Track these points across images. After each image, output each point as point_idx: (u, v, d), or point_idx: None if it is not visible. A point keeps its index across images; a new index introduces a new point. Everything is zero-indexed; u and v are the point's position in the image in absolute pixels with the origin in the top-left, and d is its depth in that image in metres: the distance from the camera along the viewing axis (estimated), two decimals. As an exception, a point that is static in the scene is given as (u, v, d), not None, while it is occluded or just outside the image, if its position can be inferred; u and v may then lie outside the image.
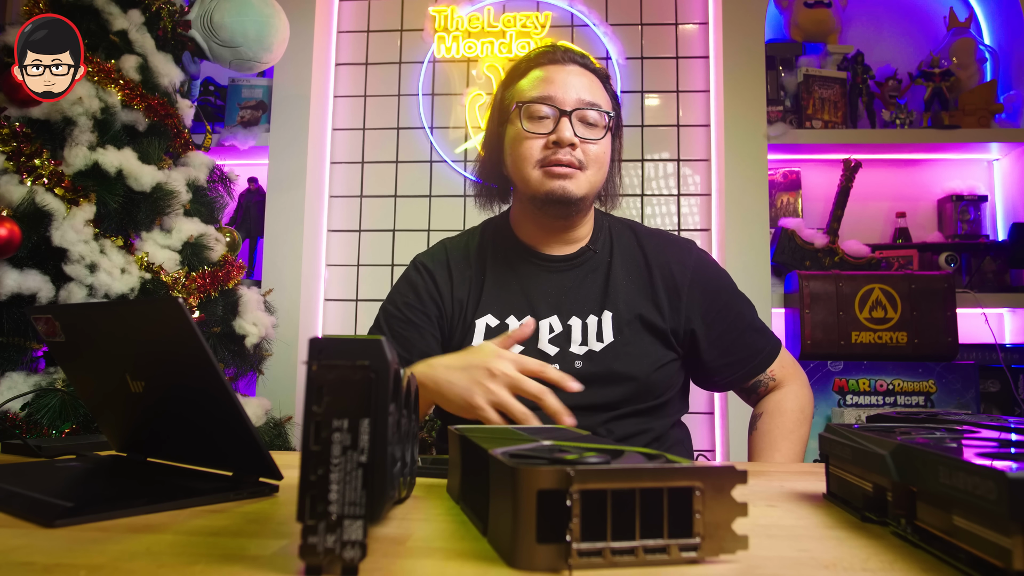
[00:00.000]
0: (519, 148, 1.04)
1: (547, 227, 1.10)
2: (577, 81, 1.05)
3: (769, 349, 1.12)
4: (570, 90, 1.03)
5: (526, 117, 1.03)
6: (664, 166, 2.21)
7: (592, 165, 1.04)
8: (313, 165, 2.17)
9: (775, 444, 1.07)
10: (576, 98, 1.03)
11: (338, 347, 0.39)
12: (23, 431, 1.24)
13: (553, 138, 1.01)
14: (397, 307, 1.11)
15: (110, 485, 0.65)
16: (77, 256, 1.36)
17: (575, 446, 0.48)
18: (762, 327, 1.14)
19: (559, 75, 1.05)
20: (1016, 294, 1.99)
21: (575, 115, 1.02)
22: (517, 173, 1.06)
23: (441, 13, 2.24)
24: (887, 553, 0.43)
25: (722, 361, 1.10)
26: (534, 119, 1.03)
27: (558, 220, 1.08)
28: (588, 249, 1.12)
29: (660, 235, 1.17)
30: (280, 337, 1.82)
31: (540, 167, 1.03)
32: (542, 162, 1.03)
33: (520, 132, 1.04)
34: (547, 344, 1.04)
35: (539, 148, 1.03)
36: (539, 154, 1.03)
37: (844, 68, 2.17)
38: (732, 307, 1.12)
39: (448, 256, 1.14)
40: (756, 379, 1.12)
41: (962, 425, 0.58)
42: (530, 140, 1.03)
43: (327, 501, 0.37)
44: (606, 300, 1.07)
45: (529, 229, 1.12)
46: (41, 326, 0.71)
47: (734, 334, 1.10)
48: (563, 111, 1.02)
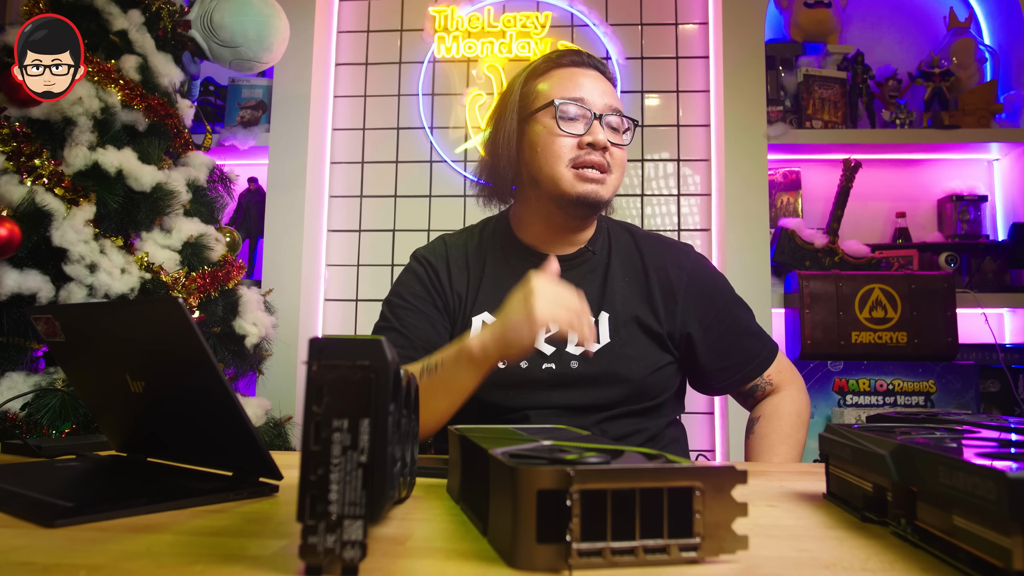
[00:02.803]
0: (551, 146, 1.03)
1: (557, 227, 1.09)
2: (603, 86, 1.06)
3: (766, 353, 1.12)
4: (598, 94, 1.04)
5: (560, 116, 1.03)
6: (664, 166, 2.21)
7: (617, 169, 1.05)
8: (313, 165, 2.17)
9: (772, 448, 1.07)
10: (605, 102, 1.04)
11: (338, 347, 0.39)
12: (23, 431, 1.24)
13: (588, 139, 1.01)
14: (403, 298, 1.09)
15: (110, 485, 0.65)
16: (77, 256, 1.36)
17: (575, 446, 0.48)
18: (759, 331, 1.14)
19: (586, 79, 1.05)
20: (1016, 294, 1.99)
21: (603, 119, 1.03)
22: (545, 171, 1.04)
23: (441, 13, 2.24)
24: (887, 553, 0.43)
25: (718, 365, 1.10)
26: (566, 119, 1.03)
27: (575, 221, 1.08)
28: (587, 250, 1.12)
29: (657, 238, 1.17)
30: (280, 337, 1.82)
31: (572, 167, 1.02)
32: (574, 162, 1.02)
33: (553, 130, 1.03)
34: (543, 343, 1.04)
35: (572, 148, 1.02)
36: (572, 153, 1.02)
37: (844, 68, 2.17)
38: (729, 311, 1.11)
39: (448, 251, 1.14)
40: (753, 383, 1.11)
41: (962, 425, 0.58)
42: (563, 139, 1.02)
43: (327, 501, 0.37)
44: (603, 301, 1.07)
45: (535, 229, 1.11)
46: (41, 326, 0.71)
47: (731, 338, 1.10)
48: (595, 114, 1.02)
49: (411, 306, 1.08)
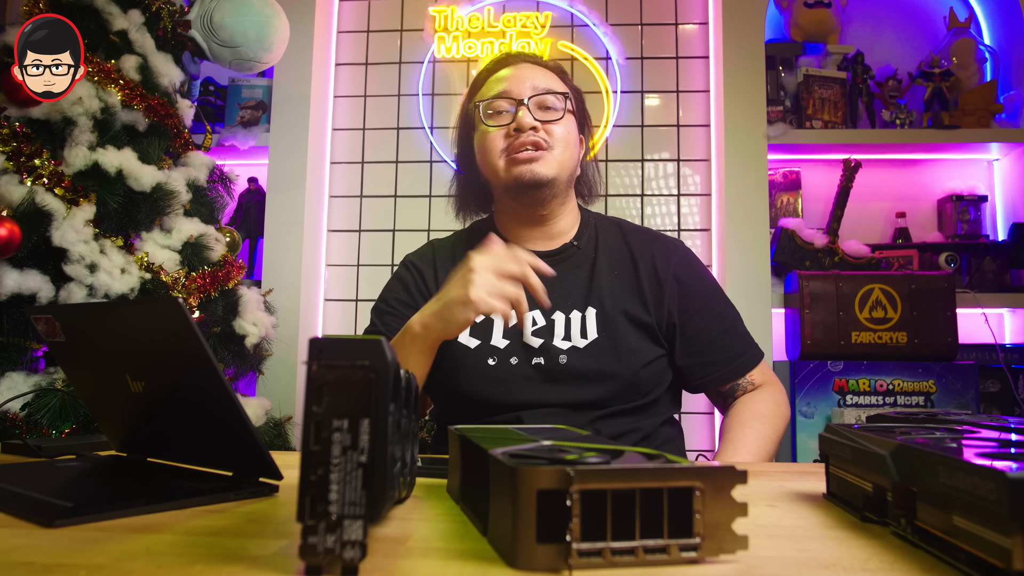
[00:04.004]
0: (484, 143, 1.08)
1: (526, 219, 1.12)
2: (530, 73, 1.09)
3: (749, 356, 1.10)
4: (523, 82, 1.08)
5: (486, 115, 1.08)
6: (664, 166, 2.21)
7: (558, 145, 1.06)
8: (313, 165, 2.17)
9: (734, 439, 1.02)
10: (531, 85, 1.07)
11: (338, 347, 0.39)
12: (23, 431, 1.24)
13: (513, 125, 1.05)
14: (388, 303, 1.14)
15: (110, 485, 0.65)
16: (77, 256, 1.36)
17: (575, 446, 0.48)
18: (744, 334, 1.12)
19: (512, 72, 1.10)
20: (1016, 294, 1.99)
21: (533, 102, 1.06)
22: (487, 168, 1.09)
23: (441, 13, 2.24)
24: (887, 553, 0.43)
25: (694, 361, 1.09)
26: (494, 115, 1.08)
27: (535, 208, 1.10)
28: (571, 245, 1.13)
29: (647, 232, 1.18)
30: (280, 337, 1.81)
31: (505, 155, 1.06)
32: (506, 150, 1.06)
33: (483, 129, 1.08)
34: (531, 337, 1.05)
35: (502, 138, 1.06)
36: (503, 143, 1.06)
37: (844, 68, 2.17)
38: (712, 308, 1.10)
39: (435, 254, 1.18)
40: (731, 385, 1.10)
41: (962, 425, 0.58)
42: (492, 133, 1.07)
43: (327, 501, 0.37)
44: (590, 296, 1.07)
45: (510, 225, 1.15)
46: (41, 326, 0.71)
47: (710, 335, 1.09)
48: (519, 101, 1.06)
49: (395, 311, 1.12)
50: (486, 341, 1.06)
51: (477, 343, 1.06)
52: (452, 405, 1.10)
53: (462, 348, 1.06)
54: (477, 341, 1.06)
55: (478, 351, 1.06)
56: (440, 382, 1.08)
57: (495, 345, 1.06)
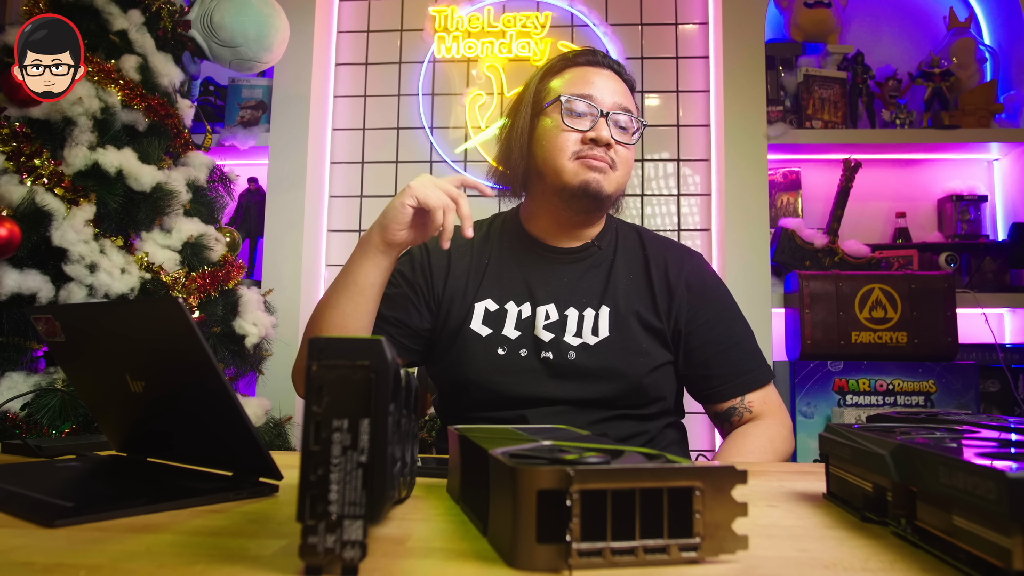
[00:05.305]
0: (555, 139, 1.05)
1: (564, 222, 1.11)
2: (615, 85, 1.08)
3: (755, 375, 1.08)
4: (608, 93, 1.06)
5: (566, 111, 1.05)
6: (664, 166, 2.21)
7: (622, 167, 1.06)
8: (313, 165, 2.17)
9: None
10: (613, 101, 1.06)
11: (338, 347, 0.39)
12: (23, 431, 1.24)
13: (591, 135, 1.03)
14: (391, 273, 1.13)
15: (110, 485, 0.65)
16: (77, 256, 1.36)
17: (575, 446, 0.48)
18: (754, 352, 1.10)
19: (598, 77, 1.08)
20: (1016, 294, 1.99)
21: (611, 117, 1.04)
22: (549, 163, 1.06)
23: (441, 13, 2.24)
24: (887, 553, 0.43)
25: (697, 372, 1.08)
26: (573, 115, 1.05)
27: (580, 215, 1.09)
28: (592, 245, 1.13)
29: (665, 240, 1.18)
30: (280, 337, 1.81)
31: (575, 159, 1.04)
32: (577, 155, 1.04)
33: (559, 124, 1.05)
34: (542, 331, 1.05)
35: (575, 142, 1.04)
36: (575, 147, 1.04)
37: (844, 68, 2.17)
38: (722, 322, 1.09)
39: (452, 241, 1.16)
40: (731, 404, 1.07)
41: (962, 425, 0.58)
42: (567, 133, 1.04)
43: (327, 501, 0.37)
44: (605, 295, 1.08)
45: (543, 223, 1.13)
46: (41, 326, 0.71)
47: (716, 348, 1.07)
48: (602, 112, 1.04)
49: (392, 280, 1.10)
50: (498, 331, 1.06)
51: (489, 331, 1.06)
52: (455, 396, 1.10)
53: (474, 335, 1.06)
54: (489, 330, 1.06)
55: (489, 339, 1.06)
56: (448, 367, 1.07)
57: (506, 335, 1.06)
